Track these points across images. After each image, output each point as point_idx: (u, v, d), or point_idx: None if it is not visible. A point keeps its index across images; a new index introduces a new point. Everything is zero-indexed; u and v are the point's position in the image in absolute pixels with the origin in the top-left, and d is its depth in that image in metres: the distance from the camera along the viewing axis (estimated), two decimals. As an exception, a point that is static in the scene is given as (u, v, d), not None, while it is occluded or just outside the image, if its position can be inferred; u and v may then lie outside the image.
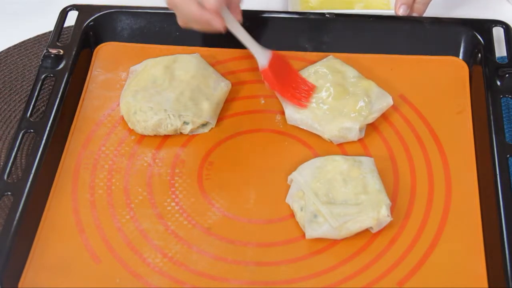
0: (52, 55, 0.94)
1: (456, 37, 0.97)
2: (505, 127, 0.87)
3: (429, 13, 1.01)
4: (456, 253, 0.79)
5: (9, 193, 0.82)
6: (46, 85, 0.93)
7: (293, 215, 0.82)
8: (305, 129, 0.90)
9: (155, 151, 0.88)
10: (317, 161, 0.84)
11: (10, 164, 0.84)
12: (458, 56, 0.97)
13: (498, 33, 0.96)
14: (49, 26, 1.00)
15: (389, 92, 0.90)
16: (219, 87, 0.91)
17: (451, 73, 0.96)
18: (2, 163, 0.87)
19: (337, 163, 0.83)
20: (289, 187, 0.84)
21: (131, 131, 0.90)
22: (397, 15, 0.99)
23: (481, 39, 0.95)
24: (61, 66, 0.93)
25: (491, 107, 0.89)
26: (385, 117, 0.91)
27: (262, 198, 0.84)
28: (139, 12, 0.99)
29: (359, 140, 0.89)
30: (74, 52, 0.95)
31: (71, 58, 0.94)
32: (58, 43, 0.95)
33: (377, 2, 1.05)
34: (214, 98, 0.90)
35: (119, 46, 0.99)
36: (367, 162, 0.84)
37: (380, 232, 0.80)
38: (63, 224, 0.82)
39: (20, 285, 0.77)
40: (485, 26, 0.97)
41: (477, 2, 1.07)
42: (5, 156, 0.85)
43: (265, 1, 0.97)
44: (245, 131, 0.91)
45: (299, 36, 0.99)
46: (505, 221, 0.79)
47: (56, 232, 0.81)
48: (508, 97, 0.91)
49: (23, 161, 0.88)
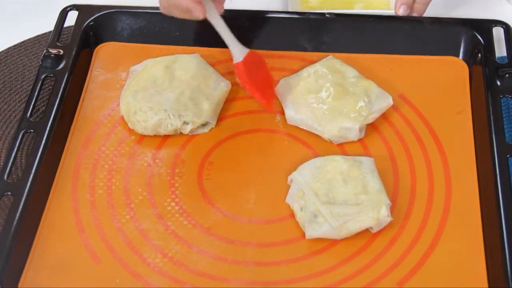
0: (52, 55, 0.94)
1: (456, 37, 0.97)
2: (505, 127, 0.87)
3: (429, 13, 1.01)
4: (456, 253, 0.79)
5: (9, 193, 0.82)
6: (46, 85, 0.93)
7: (293, 215, 0.82)
8: (305, 129, 0.90)
9: (155, 151, 0.88)
10: (317, 161, 0.84)
11: (10, 164, 0.84)
12: (458, 56, 0.97)
13: (498, 33, 0.96)
14: (49, 26, 1.00)
15: (389, 92, 0.90)
16: (219, 87, 0.91)
17: (451, 73, 0.96)
18: (2, 163, 0.87)
19: (337, 163, 0.83)
20: (289, 187, 0.84)
21: (131, 131, 0.90)
22: (397, 15, 0.99)
23: (481, 39, 0.95)
24: (61, 66, 0.93)
25: (491, 107, 0.89)
26: (385, 117, 0.91)
27: (262, 198, 0.84)
28: (139, 12, 0.99)
29: (359, 140, 0.89)
30: (74, 52, 0.95)
31: (71, 58, 0.94)
32: (58, 43, 0.95)
33: (377, 2, 1.05)
34: (214, 98, 0.90)
35: (119, 46, 0.99)
36: (367, 162, 0.84)
37: (380, 232, 0.80)
38: (63, 224, 0.82)
39: (20, 285, 0.77)
40: (485, 26, 0.97)
41: (477, 2, 1.07)
42: (5, 156, 0.85)
43: (265, 1, 0.97)
44: (245, 131, 0.91)
45: (299, 36, 0.98)
46: (505, 221, 0.79)
47: (56, 232, 0.81)
48: (508, 97, 0.91)
49: (23, 161, 0.88)
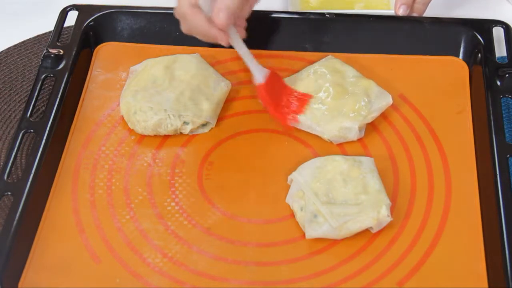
0: (52, 55, 0.94)
1: (456, 37, 0.97)
2: (505, 127, 0.87)
3: (429, 13, 1.01)
4: (456, 253, 0.79)
5: (9, 193, 0.82)
6: (46, 85, 0.93)
7: (293, 215, 0.82)
8: (305, 129, 0.90)
9: (155, 151, 0.88)
10: (317, 161, 0.84)
11: (10, 164, 0.84)
12: (458, 56, 0.97)
13: (498, 33, 0.96)
14: (49, 26, 1.00)
15: (389, 92, 0.90)
16: (219, 87, 0.91)
17: (451, 73, 0.96)
18: (2, 163, 0.87)
19: (337, 163, 0.83)
20: (289, 187, 0.84)
21: (131, 131, 0.90)
22: (397, 15, 0.99)
23: (481, 39, 0.95)
24: (61, 66, 0.93)
25: (491, 107, 0.89)
26: (385, 117, 0.91)
27: (262, 198, 0.84)
28: (139, 12, 0.99)
29: (359, 140, 0.89)
30: (74, 52, 0.94)
31: (71, 58, 0.94)
32: (58, 43, 0.95)
33: (377, 2, 1.05)
34: (214, 98, 0.90)
35: (119, 46, 0.99)
36: (367, 162, 0.84)
37: (380, 232, 0.80)
38: (63, 224, 0.82)
39: (20, 285, 0.77)
40: (485, 26, 0.97)
41: (477, 2, 1.07)
42: (5, 156, 0.85)
43: (265, 1, 0.97)
44: (245, 131, 0.91)
45: (299, 36, 0.98)
46: (505, 221, 0.79)
47: (56, 232, 0.81)
48: (508, 97, 0.91)
49: (23, 161, 0.88)
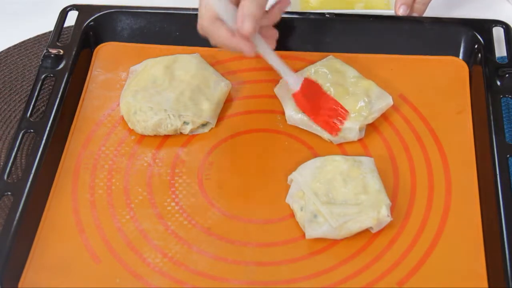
0: (52, 55, 0.94)
1: (456, 37, 0.97)
2: (505, 127, 0.87)
3: (429, 13, 1.01)
4: (456, 253, 0.79)
5: (9, 193, 0.82)
6: (46, 85, 0.93)
7: (293, 215, 0.82)
8: (305, 129, 0.90)
9: (155, 151, 0.88)
10: (317, 161, 0.84)
11: (10, 164, 0.84)
12: (458, 56, 0.97)
13: (498, 33, 0.96)
14: (49, 26, 1.00)
15: (389, 92, 0.90)
16: (219, 87, 0.91)
17: (451, 73, 0.96)
18: (2, 163, 0.87)
19: (337, 163, 0.83)
20: (289, 187, 0.84)
21: (131, 131, 0.90)
22: (397, 15, 0.99)
23: (481, 39, 0.95)
24: (61, 66, 0.93)
25: (491, 107, 0.89)
26: (385, 117, 0.91)
27: (262, 198, 0.84)
28: (139, 12, 0.99)
29: (359, 140, 0.89)
30: (74, 52, 0.94)
31: (71, 58, 0.94)
32: (58, 43, 0.95)
33: (377, 2, 1.05)
34: (214, 98, 0.90)
35: (119, 46, 0.99)
36: (367, 162, 0.84)
37: (380, 232, 0.80)
38: (63, 224, 0.82)
39: (20, 285, 0.77)
40: (485, 26, 0.97)
41: (477, 2, 1.07)
42: (5, 156, 0.85)
43: (265, 1, 0.97)
44: (245, 131, 0.91)
45: (299, 36, 0.98)
46: (505, 221, 0.78)
47: (56, 232, 0.81)
48: (508, 97, 0.91)
49: (23, 161, 0.88)
